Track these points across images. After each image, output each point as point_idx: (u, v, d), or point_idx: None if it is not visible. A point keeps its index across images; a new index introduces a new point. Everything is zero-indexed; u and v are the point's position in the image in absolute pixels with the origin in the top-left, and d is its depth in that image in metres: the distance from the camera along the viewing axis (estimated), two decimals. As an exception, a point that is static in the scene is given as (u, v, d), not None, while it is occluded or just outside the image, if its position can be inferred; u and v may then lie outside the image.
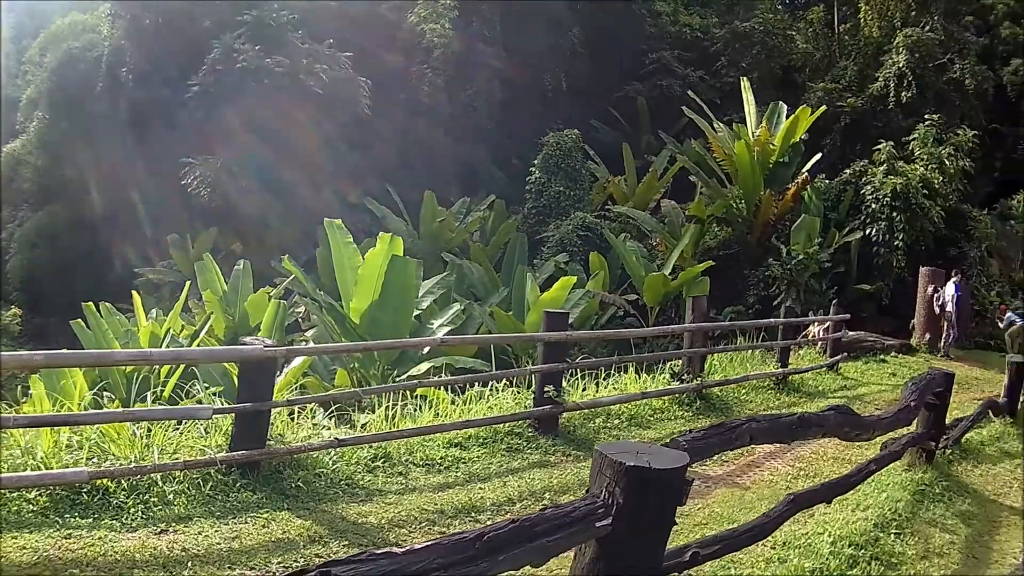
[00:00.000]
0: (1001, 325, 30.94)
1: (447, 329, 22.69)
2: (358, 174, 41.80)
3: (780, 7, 59.50)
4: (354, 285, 20.28)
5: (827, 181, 38.98)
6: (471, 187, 45.52)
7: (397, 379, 18.32)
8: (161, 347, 19.28)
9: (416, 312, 22.43)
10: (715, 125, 38.89)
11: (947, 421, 13.89)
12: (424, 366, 19.11)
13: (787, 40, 51.39)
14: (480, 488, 10.32)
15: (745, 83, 40.94)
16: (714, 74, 52.06)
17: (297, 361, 16.45)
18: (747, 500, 10.97)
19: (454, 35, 45.19)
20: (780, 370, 19.72)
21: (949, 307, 29.55)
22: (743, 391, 18.37)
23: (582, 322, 28.74)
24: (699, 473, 11.61)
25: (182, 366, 16.16)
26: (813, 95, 44.35)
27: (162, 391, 13.53)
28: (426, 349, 19.64)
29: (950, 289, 29.72)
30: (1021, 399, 18.77)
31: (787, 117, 38.04)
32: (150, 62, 42.92)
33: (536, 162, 42.06)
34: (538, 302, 24.57)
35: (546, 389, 12.91)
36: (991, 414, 17.43)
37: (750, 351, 21.74)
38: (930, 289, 30.70)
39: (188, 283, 27.30)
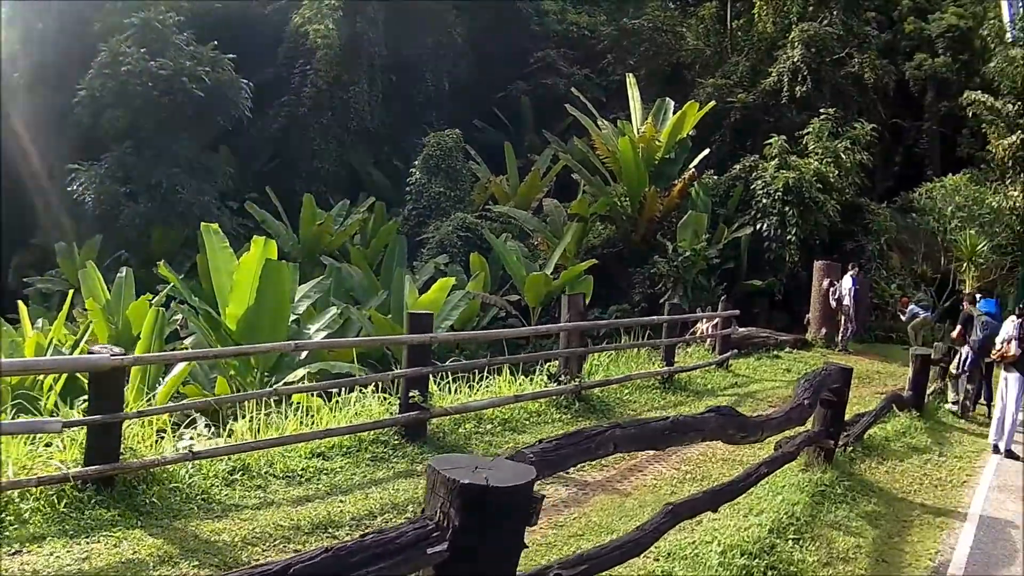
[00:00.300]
0: (903, 318, 30.78)
1: (324, 334, 22.08)
2: (241, 177, 41.78)
3: (672, 4, 58.44)
4: (230, 291, 19.32)
5: (716, 177, 38.46)
6: (353, 189, 45.28)
7: (273, 386, 16.62)
8: (45, 356, 18.34)
9: (294, 317, 21.65)
10: (599, 123, 38.18)
11: (847, 417, 13.77)
12: (300, 372, 18.40)
13: (677, 37, 50.62)
14: (341, 501, 9.84)
15: (631, 79, 40.40)
16: (600, 72, 51.57)
17: (176, 369, 16.17)
18: (628, 507, 10.46)
19: (337, 35, 43.99)
20: (665, 369, 19.13)
21: (846, 301, 28.75)
22: (626, 391, 17.71)
23: (463, 324, 28.54)
24: (575, 479, 11.33)
25: (63, 377, 15.54)
26: (703, 91, 43.46)
27: (45, 403, 13.22)
28: (303, 354, 19.28)
29: (847, 283, 28.86)
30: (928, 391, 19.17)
31: (674, 113, 37.48)
32: (43, 67, 41.49)
33: (416, 163, 41.54)
34: (416, 304, 24.49)
35: (411, 394, 12.26)
36: (895, 408, 17.41)
37: (636, 350, 21.07)
38: (825, 283, 29.90)
39: (71, 292, 26.88)
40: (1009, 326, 16.43)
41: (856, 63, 44.27)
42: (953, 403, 19.96)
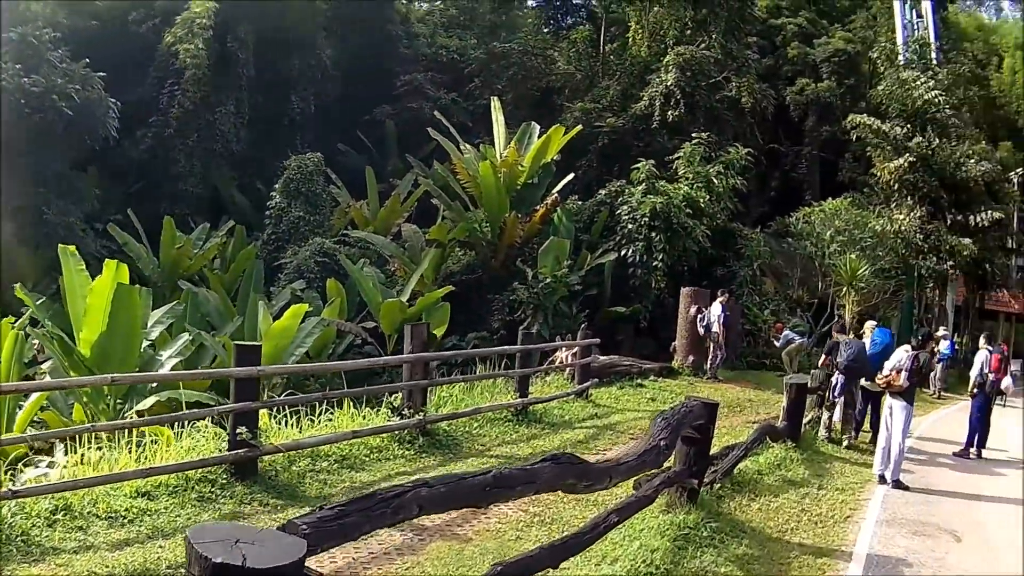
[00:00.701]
0: (777, 344, 30.46)
1: (175, 360, 21.58)
2: (108, 198, 40.99)
3: (545, 28, 58.29)
4: (83, 315, 19.15)
5: (580, 203, 37.92)
6: (217, 212, 44.48)
7: (125, 414, 17.67)
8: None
9: (148, 342, 21.61)
10: (462, 147, 37.55)
11: (716, 450, 12.91)
12: (150, 400, 18.23)
13: (548, 61, 50.49)
14: (160, 547, 8.97)
15: (495, 103, 39.73)
16: (468, 96, 51.51)
17: (33, 396, 16.15)
18: (467, 556, 9.53)
19: (207, 55, 43.76)
20: (519, 400, 17.96)
21: (715, 328, 27.33)
22: (476, 425, 16.70)
23: (318, 351, 27.98)
24: (412, 523, 9.70)
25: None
26: (571, 116, 42.95)
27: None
28: (154, 383, 18.84)
29: (716, 309, 27.46)
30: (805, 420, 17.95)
31: (540, 137, 36.61)
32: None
33: (277, 187, 40.54)
34: (269, 331, 23.68)
35: (239, 431, 11.31)
36: (769, 440, 16.17)
37: (493, 381, 20.19)
38: (692, 310, 28.45)
39: (-66, 316, 26.35)
40: (902, 354, 15.65)
41: (733, 87, 43.89)
42: (825, 430, 18.70)
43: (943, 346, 32.24)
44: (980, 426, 19.25)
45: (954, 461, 18.57)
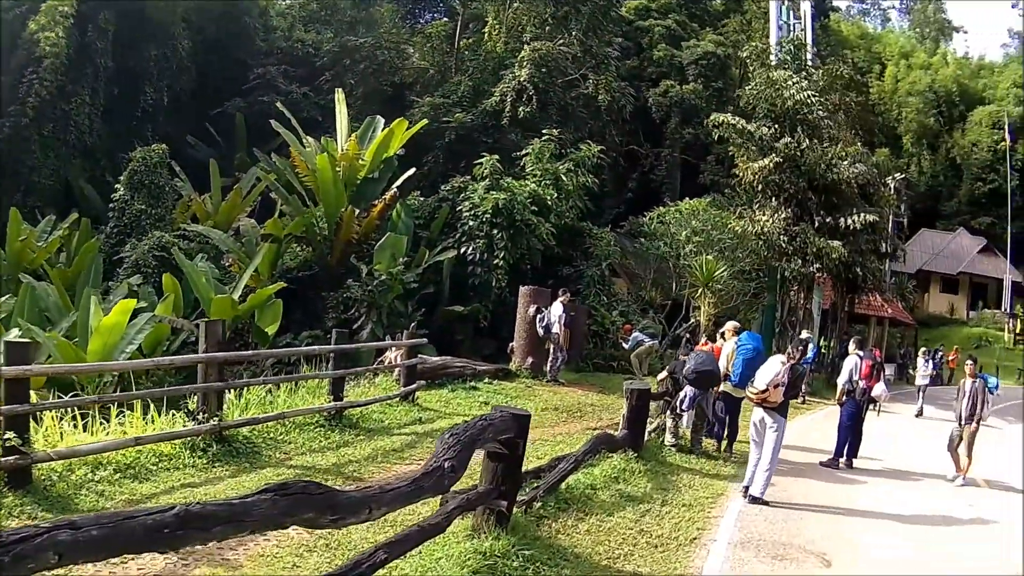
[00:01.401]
0: (626, 346, 29.39)
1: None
2: None
3: (402, 23, 58.29)
4: None
5: (422, 198, 37.31)
6: (67, 204, 43.74)
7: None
8: None
9: None
10: (305, 141, 36.80)
11: (546, 462, 12.46)
12: None
13: (401, 56, 50.00)
14: None
15: (339, 95, 39.04)
16: (319, 91, 50.78)
17: None
18: None
19: (66, 44, 43.12)
20: (332, 404, 16.62)
21: (556, 328, 26.07)
22: (283, 431, 15.20)
23: (151, 348, 26.79)
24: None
25: None
26: (420, 111, 42.33)
27: None
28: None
29: (556, 309, 26.22)
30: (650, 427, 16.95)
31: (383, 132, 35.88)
32: None
33: (121, 178, 39.59)
34: (99, 328, 23.09)
35: (7, 436, 10.16)
36: (606, 450, 14.60)
37: (318, 382, 18.59)
38: (531, 310, 27.02)
39: None
40: (778, 366, 14.11)
41: (590, 84, 43.17)
42: (673, 437, 17.26)
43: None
44: (851, 435, 18.25)
45: (822, 472, 17.34)
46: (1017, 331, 73.45)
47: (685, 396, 16.66)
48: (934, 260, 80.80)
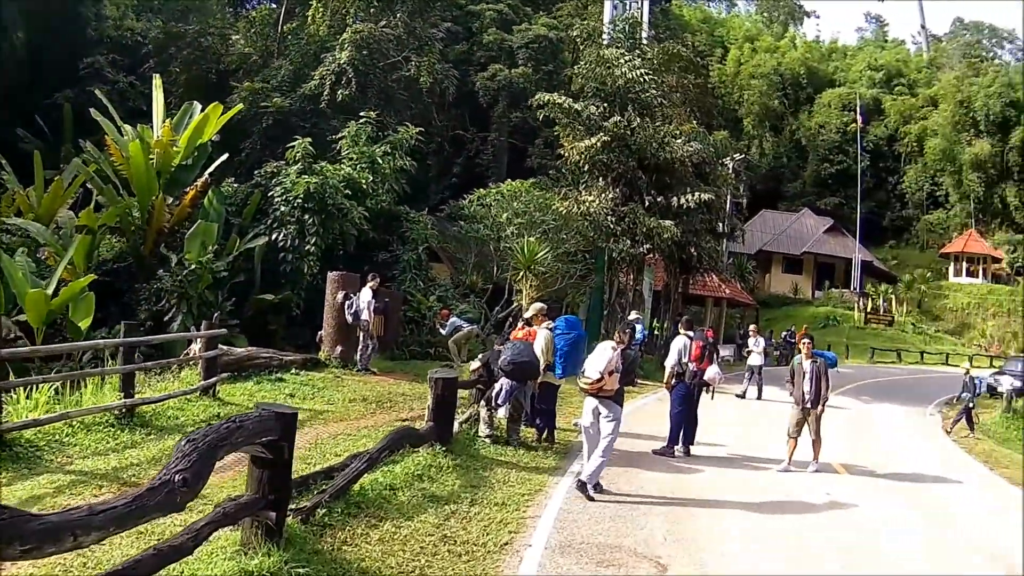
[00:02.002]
0: (443, 332, 28.96)
1: None
2: None
3: (229, 9, 57.90)
4: None
5: (236, 185, 36.20)
6: None
7: None
8: None
9: None
10: (123, 129, 35.18)
11: (342, 460, 11.63)
12: None
13: (225, 42, 49.23)
14: None
15: (157, 81, 37.50)
16: (145, 79, 48.50)
17: None
18: None
19: None
20: (122, 401, 15.48)
21: (364, 315, 25.02)
22: (70, 432, 14.00)
23: None
24: None
25: None
26: (239, 96, 41.39)
27: None
28: None
29: (365, 295, 25.25)
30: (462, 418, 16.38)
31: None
32: None
33: None
34: None
35: None
36: (410, 445, 13.68)
37: (119, 376, 16.88)
38: (340, 296, 26.02)
39: None
40: (610, 352, 13.43)
41: (412, 66, 42.67)
42: (488, 428, 16.27)
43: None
44: (684, 420, 17.34)
45: (656, 461, 16.30)
46: (868, 310, 74.27)
47: (501, 389, 15.92)
48: (776, 240, 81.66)
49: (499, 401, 16.04)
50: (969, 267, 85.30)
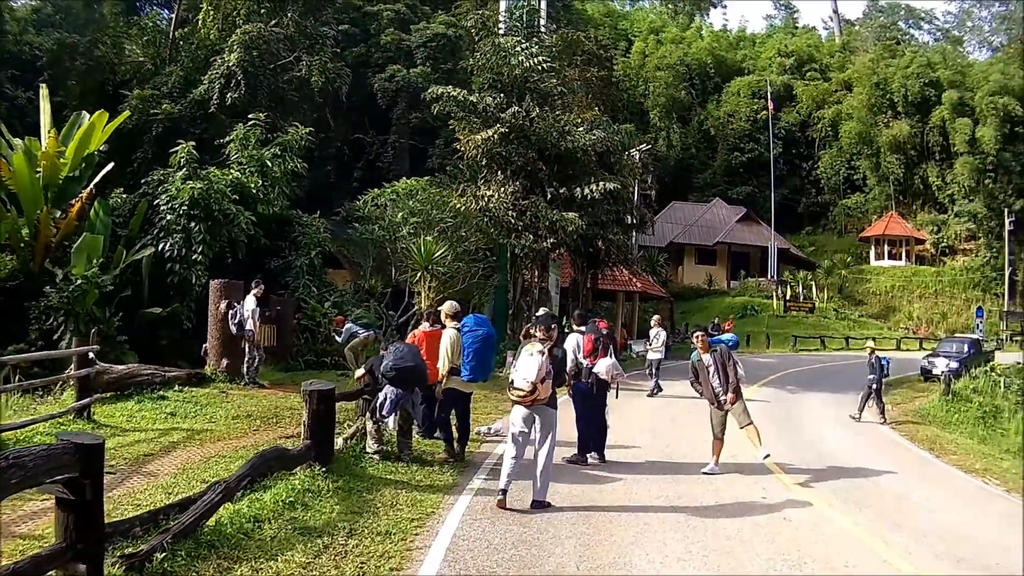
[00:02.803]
0: (339, 339, 27.73)
1: None
2: None
3: (122, 17, 55.44)
4: None
5: (125, 195, 34.84)
6: None
7: None
8: None
9: None
10: (13, 143, 34.07)
11: (181, 498, 10.06)
12: None
13: (119, 51, 47.39)
14: None
15: (44, 92, 36.64)
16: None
17: None
18: None
19: None
20: None
21: (249, 325, 23.92)
22: None
23: None
24: None
25: None
26: (129, 104, 39.91)
27: None
28: None
29: (249, 303, 24.13)
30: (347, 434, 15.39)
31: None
32: None
33: None
34: None
35: None
36: (283, 469, 12.40)
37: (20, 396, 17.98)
38: (223, 305, 24.90)
39: None
40: (537, 359, 12.24)
41: (304, 66, 42.01)
42: (376, 443, 14.98)
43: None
44: (590, 426, 16.03)
45: (568, 471, 14.86)
46: (787, 298, 74.22)
47: (385, 398, 14.55)
48: (688, 231, 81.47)
49: (383, 412, 14.72)
50: (891, 250, 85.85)
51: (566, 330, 23.32)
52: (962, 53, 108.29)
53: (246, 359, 24.20)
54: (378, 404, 14.74)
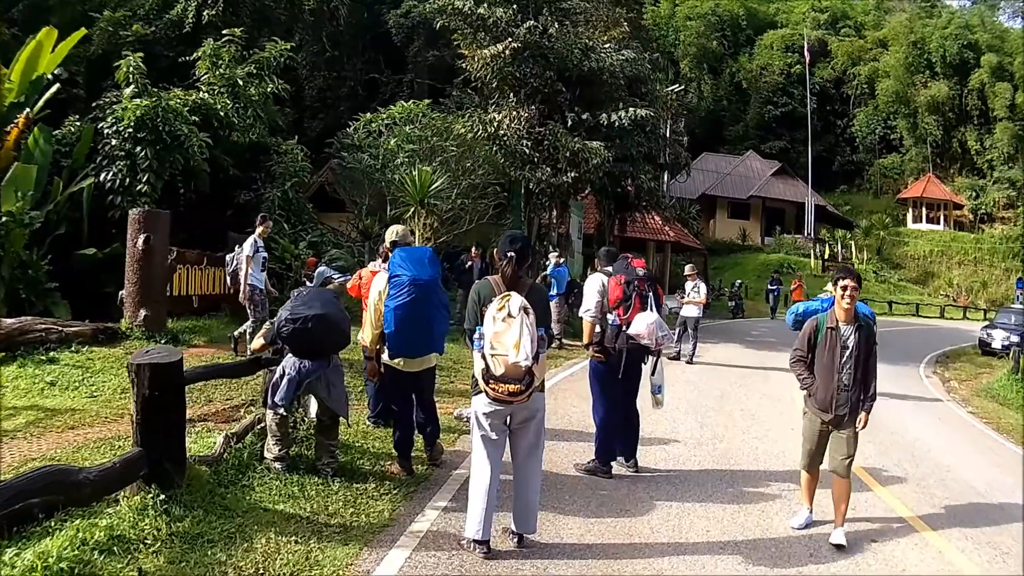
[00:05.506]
0: (311, 284, 21.44)
1: None
2: None
3: None
4: None
5: (79, 122, 29.27)
6: None
7: None
8: None
9: None
10: None
11: None
12: None
13: None
14: None
15: None
16: (12, 21, 42.87)
17: None
18: None
19: None
20: None
21: (248, 275, 18.30)
22: None
23: None
24: None
25: None
26: (100, 27, 35.60)
27: None
28: None
29: (247, 246, 18.42)
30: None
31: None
32: None
33: None
34: None
35: None
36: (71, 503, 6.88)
37: None
38: (140, 240, 19.31)
39: None
40: (525, 332, 7.17)
41: None
42: (279, 447, 9.51)
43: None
44: (614, 418, 10.58)
45: (581, 485, 10.01)
46: (826, 257, 71.20)
47: (282, 374, 9.40)
48: (720, 184, 78.34)
49: (278, 397, 9.29)
50: (929, 213, 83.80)
51: (588, 271, 18.33)
52: (998, 21, 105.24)
53: (249, 323, 18.19)
54: (270, 386, 9.65)
